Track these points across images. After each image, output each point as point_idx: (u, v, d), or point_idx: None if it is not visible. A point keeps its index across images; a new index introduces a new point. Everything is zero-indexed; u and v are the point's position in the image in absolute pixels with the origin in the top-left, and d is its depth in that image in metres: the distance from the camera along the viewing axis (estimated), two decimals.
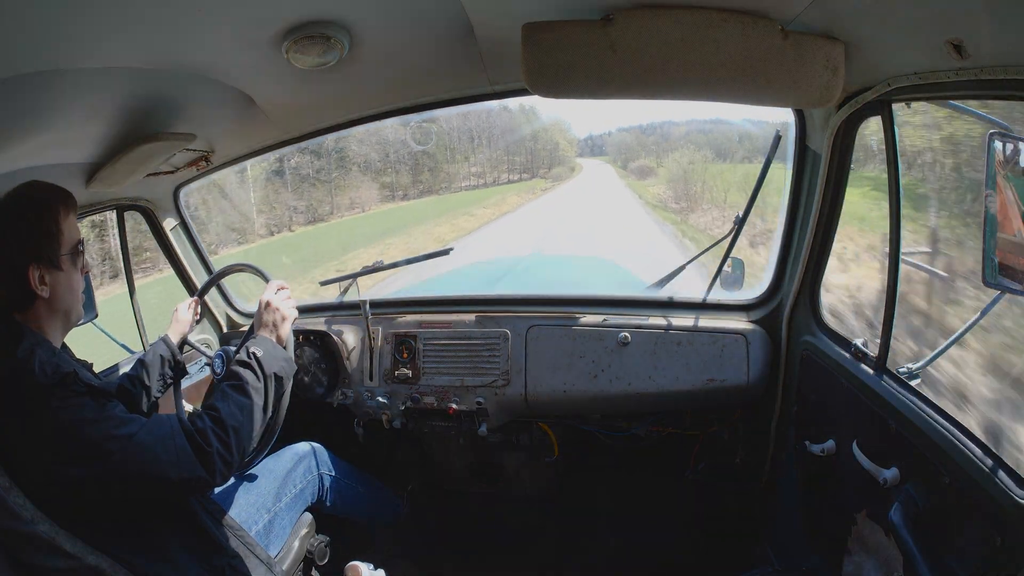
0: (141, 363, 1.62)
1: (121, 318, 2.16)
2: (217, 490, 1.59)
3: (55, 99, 1.20)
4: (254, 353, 1.35)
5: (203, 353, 1.88)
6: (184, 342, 1.76)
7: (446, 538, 2.48)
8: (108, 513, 1.11)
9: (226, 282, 2.41)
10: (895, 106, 1.22)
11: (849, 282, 2.74)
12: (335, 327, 2.14)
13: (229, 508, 1.49)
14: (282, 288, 1.56)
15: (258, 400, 1.29)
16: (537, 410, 1.99)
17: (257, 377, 1.32)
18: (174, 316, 1.77)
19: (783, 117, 1.62)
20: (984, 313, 1.30)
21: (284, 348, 1.49)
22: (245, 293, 2.50)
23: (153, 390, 1.62)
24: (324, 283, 2.30)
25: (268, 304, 1.51)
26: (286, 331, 1.52)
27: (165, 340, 1.69)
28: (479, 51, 1.43)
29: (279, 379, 1.38)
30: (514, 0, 1.17)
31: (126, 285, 2.19)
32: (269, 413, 1.34)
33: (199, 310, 1.83)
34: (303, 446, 1.86)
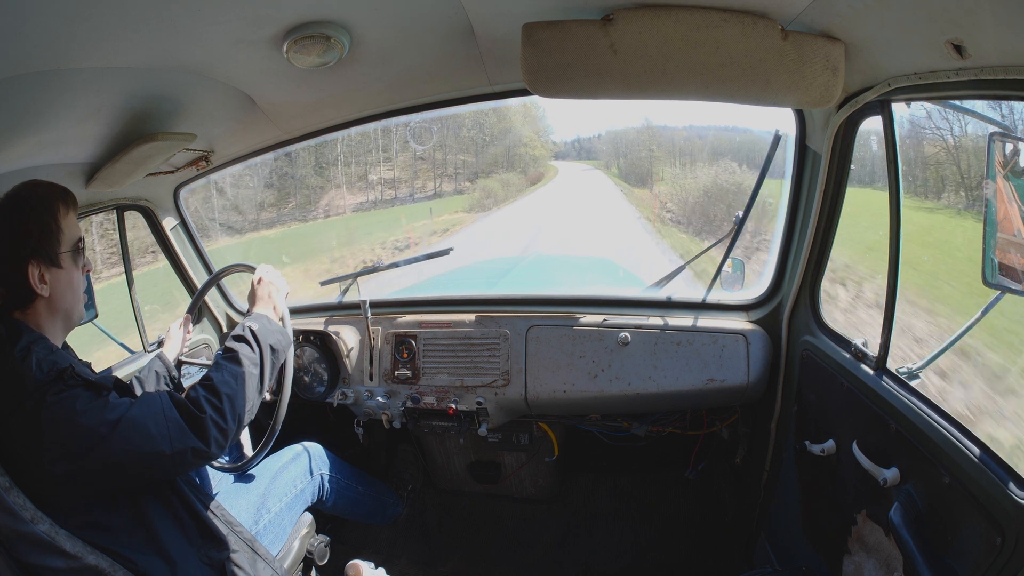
0: (137, 380, 1.62)
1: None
2: (218, 490, 1.60)
3: (55, 99, 1.20)
4: (249, 327, 1.37)
5: (204, 366, 1.89)
6: (180, 361, 1.78)
7: (446, 538, 2.48)
8: (108, 508, 1.11)
9: (225, 283, 2.42)
10: (895, 106, 1.22)
11: None
12: (335, 327, 2.14)
13: (231, 508, 1.48)
14: (269, 270, 1.60)
15: (253, 370, 1.30)
16: (537, 410, 1.99)
17: (252, 348, 1.33)
18: (167, 334, 1.79)
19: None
20: (984, 312, 1.30)
21: (281, 321, 1.51)
22: (244, 292, 2.50)
23: None
24: (324, 283, 2.30)
25: (260, 280, 1.55)
26: (282, 303, 1.54)
27: (161, 357, 1.70)
28: (479, 51, 1.43)
29: (274, 351, 1.39)
30: (514, 0, 1.17)
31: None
32: (266, 384, 1.35)
33: (190, 327, 1.85)
34: (304, 446, 1.86)
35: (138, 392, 1.59)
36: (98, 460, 1.04)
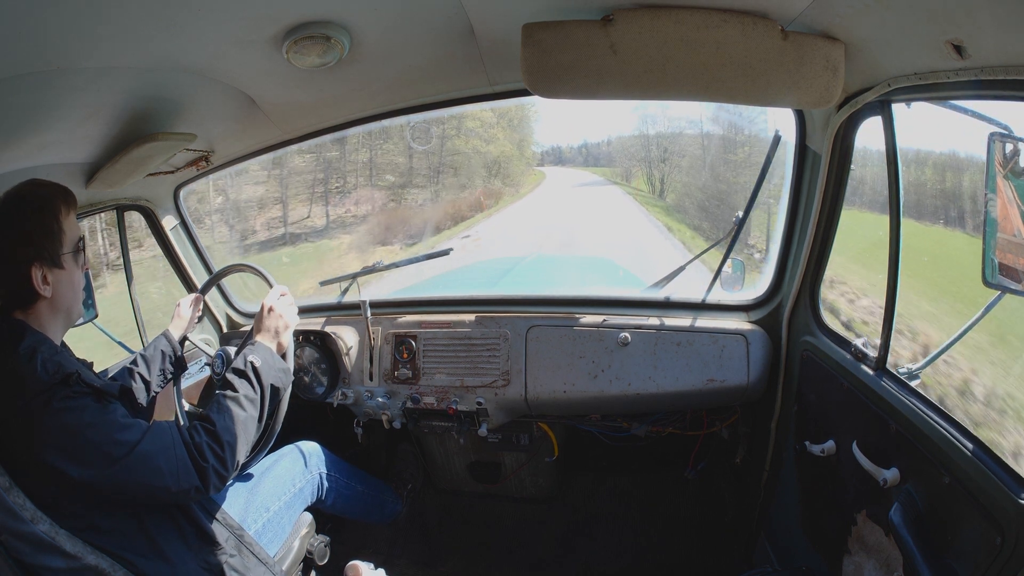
0: (142, 357, 1.63)
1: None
2: None
3: (55, 99, 1.20)
4: (252, 363, 1.35)
5: (204, 352, 1.88)
6: (185, 339, 1.76)
7: (446, 538, 2.48)
8: (108, 513, 1.11)
9: (226, 282, 2.42)
10: (895, 106, 1.22)
11: None
12: (335, 327, 2.14)
13: (228, 507, 1.49)
14: (284, 294, 1.56)
15: (253, 412, 1.30)
16: (537, 410, 1.99)
17: (253, 388, 1.32)
18: (176, 311, 1.77)
19: None
20: (984, 312, 1.30)
21: (283, 356, 1.49)
22: (245, 294, 2.50)
23: (153, 384, 1.62)
24: (324, 283, 2.30)
25: (271, 309, 1.51)
26: (287, 339, 1.52)
27: (166, 335, 1.70)
28: (479, 51, 1.43)
29: (275, 389, 1.38)
30: (514, 0, 1.17)
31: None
32: (264, 422, 1.35)
33: (201, 307, 1.83)
34: (303, 446, 1.86)
35: (145, 375, 1.60)
36: (103, 481, 1.05)
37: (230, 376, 1.33)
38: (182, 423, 1.72)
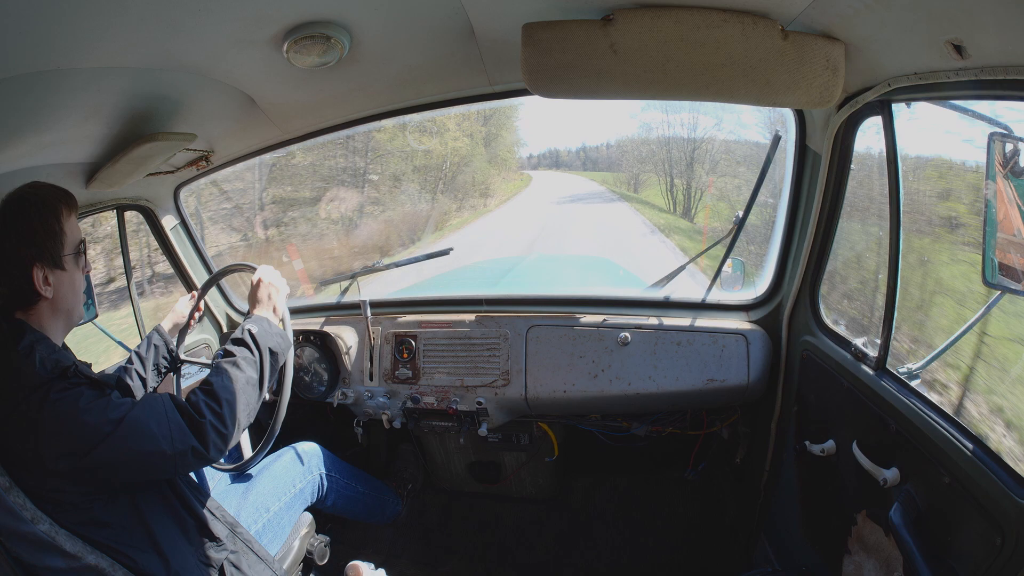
0: (136, 355, 1.64)
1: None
2: (217, 489, 1.60)
3: (55, 99, 1.20)
4: (249, 330, 1.37)
5: (203, 364, 1.88)
6: (183, 333, 1.76)
7: (446, 538, 2.48)
8: (108, 505, 1.11)
9: (225, 283, 2.42)
10: (895, 106, 1.22)
11: None
12: (335, 327, 2.14)
13: (228, 506, 1.49)
14: (270, 272, 1.59)
15: (252, 373, 1.30)
16: (537, 410, 1.99)
17: (251, 352, 1.34)
18: (173, 308, 1.79)
19: None
20: (984, 312, 1.30)
21: (281, 323, 1.51)
22: (245, 292, 2.50)
23: (149, 381, 1.63)
24: (324, 283, 2.30)
25: (260, 281, 1.54)
26: (282, 304, 1.54)
27: (158, 329, 1.71)
28: (479, 51, 1.43)
29: (274, 354, 1.39)
30: (514, 0, 1.17)
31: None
32: (265, 388, 1.35)
33: (200, 305, 1.83)
34: (303, 446, 1.86)
35: (140, 371, 1.61)
36: (100, 457, 1.05)
37: (228, 346, 1.35)
38: None
